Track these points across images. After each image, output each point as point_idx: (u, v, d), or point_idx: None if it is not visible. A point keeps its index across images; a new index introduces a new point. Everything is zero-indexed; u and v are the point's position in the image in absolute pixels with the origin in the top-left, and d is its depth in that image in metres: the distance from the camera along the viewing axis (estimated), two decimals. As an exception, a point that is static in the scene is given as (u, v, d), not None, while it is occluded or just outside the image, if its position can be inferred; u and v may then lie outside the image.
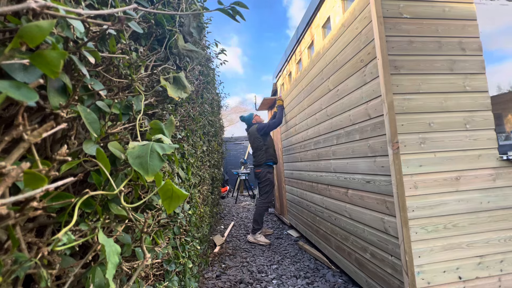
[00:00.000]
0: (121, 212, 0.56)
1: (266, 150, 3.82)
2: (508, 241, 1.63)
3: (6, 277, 0.33)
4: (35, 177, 0.29)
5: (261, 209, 3.64)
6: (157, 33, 0.92)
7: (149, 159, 0.46)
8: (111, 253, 0.39)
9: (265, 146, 3.83)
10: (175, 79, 0.83)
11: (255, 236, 3.52)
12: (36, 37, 0.26)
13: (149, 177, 0.45)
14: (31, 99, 0.29)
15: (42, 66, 0.29)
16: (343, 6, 2.22)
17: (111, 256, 0.39)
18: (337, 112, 2.32)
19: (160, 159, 0.47)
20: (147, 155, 0.46)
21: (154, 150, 0.47)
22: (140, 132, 0.66)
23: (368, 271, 1.91)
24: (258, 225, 3.56)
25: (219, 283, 2.31)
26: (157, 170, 0.46)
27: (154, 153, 0.47)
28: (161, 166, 0.46)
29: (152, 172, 0.45)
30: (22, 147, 0.29)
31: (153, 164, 0.45)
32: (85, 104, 0.52)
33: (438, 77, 1.68)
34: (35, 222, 0.45)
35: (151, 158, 0.46)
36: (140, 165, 0.45)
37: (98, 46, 0.60)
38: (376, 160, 1.75)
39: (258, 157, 3.85)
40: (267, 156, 3.80)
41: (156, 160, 0.46)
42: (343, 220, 2.28)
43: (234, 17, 0.58)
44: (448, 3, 1.76)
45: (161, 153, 0.48)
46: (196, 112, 1.97)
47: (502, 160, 1.67)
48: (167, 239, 1.12)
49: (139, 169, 0.45)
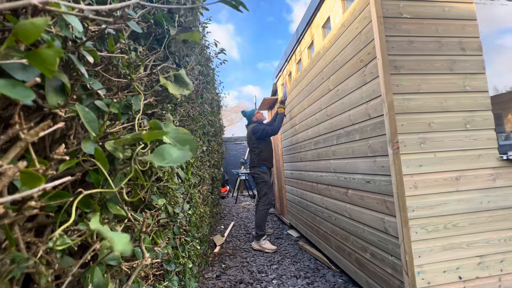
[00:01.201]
0: (120, 212, 0.56)
1: (258, 153, 3.58)
2: (508, 241, 1.62)
3: (4, 277, 0.33)
4: (32, 176, 0.29)
5: (262, 212, 3.43)
6: (156, 33, 0.92)
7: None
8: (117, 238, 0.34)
9: (258, 150, 3.59)
10: (176, 77, 0.83)
11: (260, 242, 3.27)
12: (31, 34, 0.26)
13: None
14: (27, 98, 0.29)
15: (38, 65, 0.28)
16: (343, 6, 2.22)
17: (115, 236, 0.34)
18: (337, 112, 2.32)
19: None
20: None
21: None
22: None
23: (368, 271, 1.91)
24: (262, 231, 3.33)
25: (219, 283, 2.31)
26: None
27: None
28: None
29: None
30: (19, 146, 0.29)
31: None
32: (83, 104, 0.52)
33: (438, 77, 1.68)
34: (34, 221, 0.45)
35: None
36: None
37: (97, 46, 0.60)
38: (376, 160, 1.75)
39: (252, 158, 3.68)
40: (259, 160, 3.57)
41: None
42: (343, 220, 2.28)
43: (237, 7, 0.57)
44: (448, 3, 1.75)
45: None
46: (195, 112, 1.97)
47: (502, 160, 1.67)
48: (167, 239, 1.12)
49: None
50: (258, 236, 3.30)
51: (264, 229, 3.37)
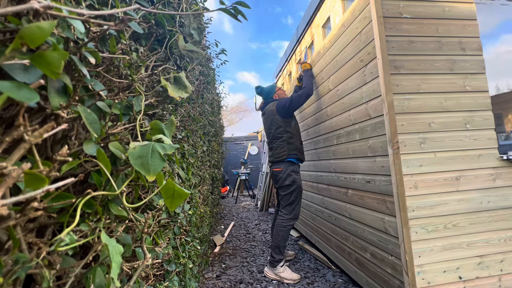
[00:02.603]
0: (121, 213, 0.56)
1: (288, 139, 2.50)
2: (508, 241, 1.63)
3: (7, 278, 0.33)
4: (36, 177, 0.29)
5: (284, 230, 2.38)
6: (157, 33, 0.92)
7: (151, 159, 0.46)
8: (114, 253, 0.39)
9: (287, 135, 2.51)
10: (176, 79, 0.83)
11: (276, 270, 2.33)
12: (37, 38, 0.26)
13: (150, 177, 0.45)
14: (31, 100, 0.29)
15: (43, 67, 0.29)
16: (343, 6, 2.22)
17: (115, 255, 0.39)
18: (337, 112, 2.32)
19: (162, 159, 0.47)
20: (149, 155, 0.46)
21: (155, 150, 0.47)
22: (141, 132, 0.66)
23: (368, 271, 1.91)
24: (280, 255, 2.35)
25: (219, 283, 2.31)
26: (158, 170, 0.46)
27: (155, 153, 0.47)
28: (163, 166, 0.47)
29: (153, 172, 0.45)
30: (22, 147, 0.29)
31: (155, 164, 0.45)
32: (85, 105, 0.52)
33: (438, 77, 1.68)
34: (35, 222, 0.45)
35: (153, 158, 0.46)
36: (142, 165, 0.45)
37: (98, 47, 0.60)
38: (376, 160, 1.75)
39: (277, 149, 2.54)
40: (290, 149, 2.48)
41: (158, 160, 0.46)
42: (343, 220, 2.28)
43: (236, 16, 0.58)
44: (448, 3, 1.75)
45: (162, 153, 0.48)
46: (196, 112, 1.97)
47: (502, 160, 1.67)
48: (168, 239, 1.12)
49: (140, 169, 0.45)
50: (275, 261, 2.35)
51: (284, 252, 2.40)
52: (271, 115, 2.61)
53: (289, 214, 2.41)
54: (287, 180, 2.43)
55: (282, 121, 2.53)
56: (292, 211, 2.41)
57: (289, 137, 2.50)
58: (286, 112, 2.53)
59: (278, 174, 2.49)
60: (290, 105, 2.51)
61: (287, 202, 2.44)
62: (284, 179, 2.44)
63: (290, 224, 2.39)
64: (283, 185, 2.45)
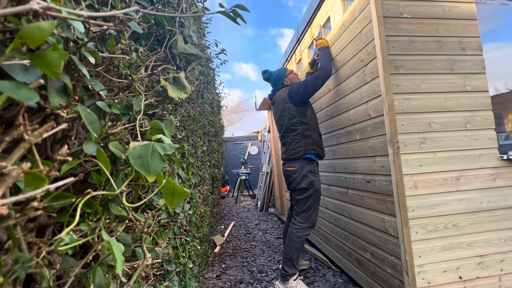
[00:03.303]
0: (121, 213, 0.56)
1: (304, 132, 2.11)
2: (509, 241, 1.63)
3: (7, 277, 0.33)
4: (36, 177, 0.29)
5: (298, 241, 2.04)
6: (157, 33, 0.92)
7: (151, 159, 0.46)
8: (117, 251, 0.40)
9: (303, 126, 2.11)
10: (175, 79, 0.83)
11: (289, 284, 2.03)
12: (37, 38, 0.26)
13: (150, 177, 0.45)
14: (31, 100, 0.29)
15: (42, 67, 0.29)
16: (343, 6, 2.22)
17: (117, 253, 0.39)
18: (337, 112, 2.32)
19: (161, 159, 0.47)
20: (148, 155, 0.46)
21: (155, 150, 0.47)
22: (140, 132, 0.66)
23: (368, 271, 1.91)
24: (293, 268, 2.04)
25: (220, 283, 2.31)
26: (158, 170, 0.46)
27: (155, 153, 0.47)
28: (163, 166, 0.47)
29: (154, 172, 0.45)
30: (22, 147, 0.29)
31: (155, 164, 0.45)
32: (85, 104, 0.52)
33: (438, 77, 1.68)
34: (35, 222, 0.45)
35: (152, 158, 0.46)
36: (142, 165, 0.45)
37: (98, 46, 0.60)
38: (376, 160, 1.75)
39: (291, 144, 2.15)
40: (307, 144, 2.08)
41: (158, 160, 0.46)
42: (343, 220, 2.28)
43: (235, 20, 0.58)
44: (448, 3, 1.75)
45: (162, 153, 0.48)
46: (196, 112, 1.97)
47: (502, 160, 1.67)
48: (168, 239, 1.12)
49: (140, 169, 0.45)
50: (287, 275, 2.04)
51: (298, 265, 2.09)
52: (282, 104, 2.18)
53: (305, 223, 2.05)
54: (302, 182, 2.05)
55: (296, 110, 2.12)
56: (308, 218, 2.05)
57: (305, 129, 2.10)
58: (300, 99, 2.10)
59: (292, 175, 2.11)
60: (304, 90, 2.08)
61: (302, 208, 2.07)
62: (299, 182, 2.06)
63: (306, 234, 2.05)
64: (297, 188, 2.08)
